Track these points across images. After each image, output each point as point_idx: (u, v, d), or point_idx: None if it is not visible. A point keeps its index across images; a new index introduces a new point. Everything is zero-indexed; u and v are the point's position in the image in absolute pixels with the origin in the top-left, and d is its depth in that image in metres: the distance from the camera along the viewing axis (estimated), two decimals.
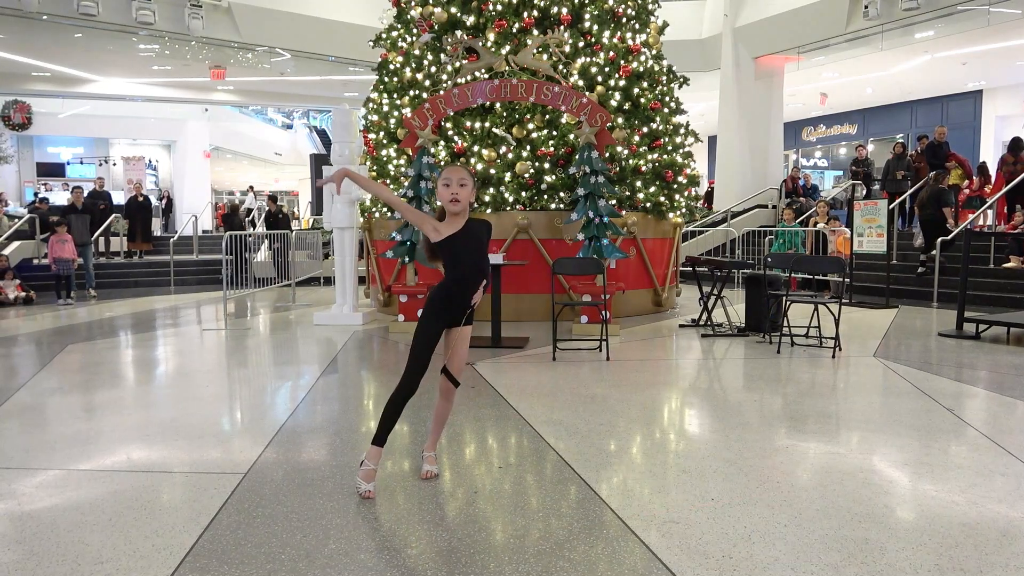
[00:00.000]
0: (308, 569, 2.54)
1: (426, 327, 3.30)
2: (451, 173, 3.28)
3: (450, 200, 3.23)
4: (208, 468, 3.60)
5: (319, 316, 8.91)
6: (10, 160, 23.37)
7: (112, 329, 8.74)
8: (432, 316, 3.31)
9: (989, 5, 12.79)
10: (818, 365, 6.14)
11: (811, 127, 23.44)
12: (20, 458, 3.78)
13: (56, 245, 11.53)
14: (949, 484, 3.32)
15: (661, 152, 9.37)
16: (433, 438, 3.56)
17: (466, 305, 3.32)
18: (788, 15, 15.06)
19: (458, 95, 8.12)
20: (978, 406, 4.89)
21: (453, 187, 3.23)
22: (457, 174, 3.27)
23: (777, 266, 8.67)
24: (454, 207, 3.24)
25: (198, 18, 14.59)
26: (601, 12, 9.10)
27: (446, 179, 3.28)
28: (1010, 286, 10.09)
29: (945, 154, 13.17)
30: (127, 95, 20.96)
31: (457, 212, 3.27)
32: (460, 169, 3.33)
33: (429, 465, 3.49)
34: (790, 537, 2.76)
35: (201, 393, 5.30)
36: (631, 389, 5.27)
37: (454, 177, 3.26)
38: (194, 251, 16.85)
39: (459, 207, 3.25)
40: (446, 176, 3.29)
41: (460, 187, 3.24)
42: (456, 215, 3.28)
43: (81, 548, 2.72)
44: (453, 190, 3.23)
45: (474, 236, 3.31)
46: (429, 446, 3.56)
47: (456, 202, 3.24)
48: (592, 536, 2.78)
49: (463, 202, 3.26)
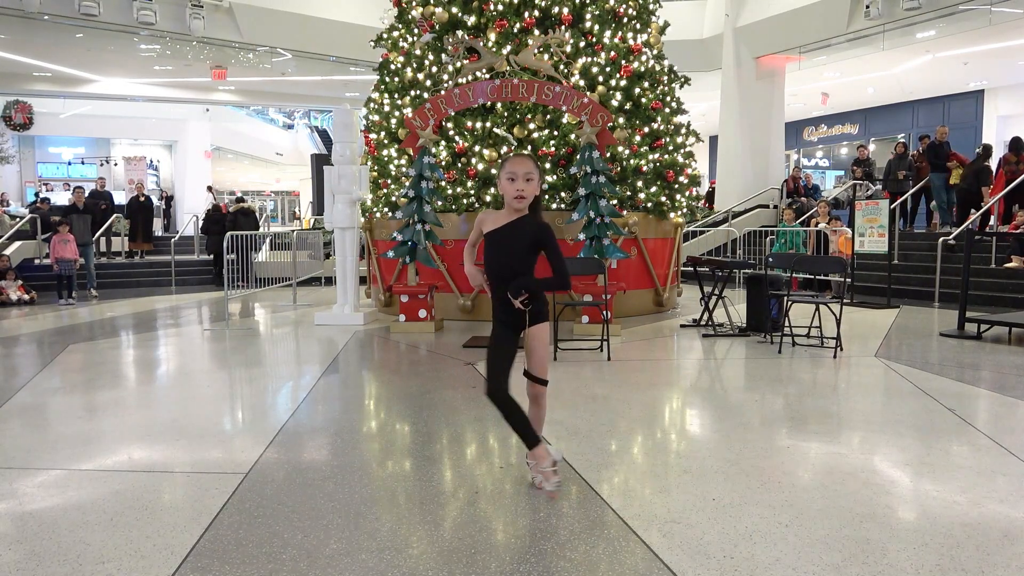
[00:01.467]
0: (309, 569, 2.54)
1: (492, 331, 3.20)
2: (517, 166, 2.99)
3: (515, 197, 2.97)
4: (209, 468, 3.60)
5: (320, 316, 8.91)
6: (11, 160, 23.40)
7: (113, 329, 8.74)
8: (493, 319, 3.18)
9: (991, 5, 12.78)
10: (819, 365, 6.14)
11: (812, 127, 23.44)
12: (21, 458, 3.78)
13: (58, 245, 11.55)
14: (951, 484, 3.31)
15: (662, 152, 9.37)
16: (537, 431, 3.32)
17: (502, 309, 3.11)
18: (789, 15, 15.06)
19: (459, 95, 8.12)
20: (980, 406, 4.88)
21: (519, 182, 2.97)
22: (524, 167, 2.98)
23: (778, 266, 8.66)
24: (519, 204, 2.99)
25: (199, 18, 14.61)
26: (602, 12, 9.10)
27: (511, 172, 2.99)
28: (1011, 286, 10.08)
29: (946, 154, 13.16)
30: (128, 95, 21.00)
31: (521, 208, 3.02)
32: (527, 160, 3.03)
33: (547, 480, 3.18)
34: (791, 537, 2.76)
35: (202, 393, 5.30)
36: (632, 389, 5.27)
37: (520, 171, 2.97)
38: (195, 251, 16.87)
39: (524, 204, 3.00)
40: (511, 169, 2.99)
41: (527, 182, 2.97)
42: (517, 210, 3.03)
43: (82, 548, 2.72)
44: (519, 186, 2.97)
45: (514, 235, 3.04)
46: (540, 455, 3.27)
47: (522, 198, 2.98)
48: (593, 536, 2.78)
49: (529, 198, 3.00)
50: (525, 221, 3.05)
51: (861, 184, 13.99)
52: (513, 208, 3.04)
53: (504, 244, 3.04)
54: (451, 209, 8.81)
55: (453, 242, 8.71)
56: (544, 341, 3.14)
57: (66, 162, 25.68)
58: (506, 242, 3.04)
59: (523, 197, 2.97)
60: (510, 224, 3.04)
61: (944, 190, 13.23)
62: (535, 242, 3.04)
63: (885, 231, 10.32)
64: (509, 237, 3.03)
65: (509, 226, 3.04)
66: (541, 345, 3.13)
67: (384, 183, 9.51)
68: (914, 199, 14.23)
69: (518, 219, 3.05)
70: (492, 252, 3.07)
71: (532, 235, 3.03)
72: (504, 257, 3.04)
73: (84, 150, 25.97)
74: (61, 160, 25.68)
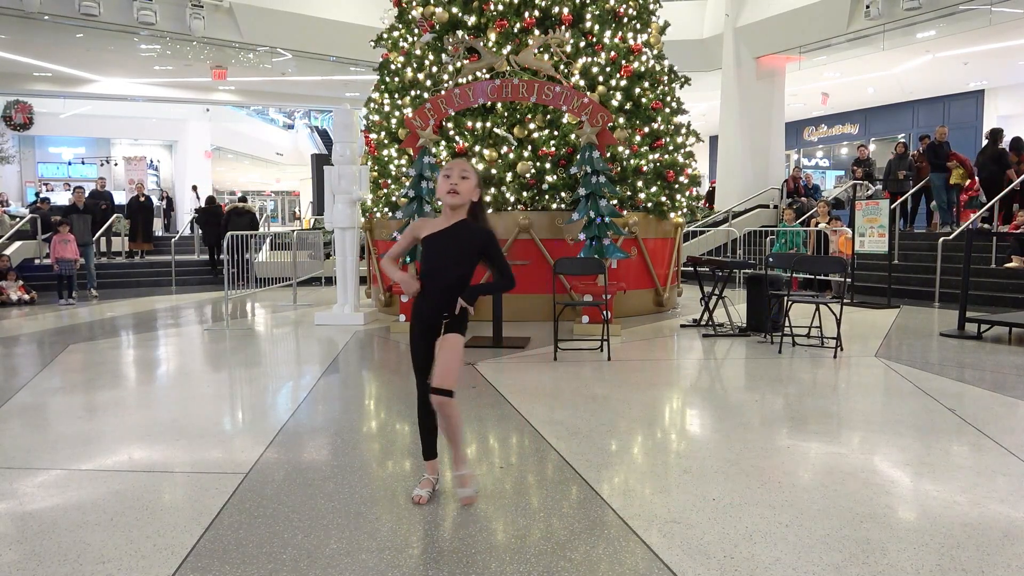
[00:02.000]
0: (309, 569, 2.54)
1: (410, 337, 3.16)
2: (452, 165, 3.07)
3: (448, 191, 3.00)
4: (209, 468, 3.60)
5: (320, 316, 8.91)
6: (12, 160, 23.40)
7: (113, 329, 8.74)
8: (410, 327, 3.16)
9: (991, 5, 12.78)
10: (819, 365, 6.14)
11: (812, 127, 23.44)
12: (22, 458, 3.78)
13: (58, 245, 11.55)
14: (951, 484, 3.31)
15: (662, 152, 9.37)
16: (454, 455, 3.21)
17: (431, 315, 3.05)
18: (789, 15, 15.06)
19: (459, 95, 8.12)
20: (980, 406, 4.88)
21: (453, 178, 3.01)
22: (459, 166, 3.05)
23: (778, 266, 8.66)
24: (452, 199, 3.01)
25: (199, 18, 14.61)
26: (602, 12, 9.10)
27: (447, 170, 3.06)
28: (1012, 286, 10.08)
29: (946, 154, 13.16)
30: (128, 95, 21.00)
31: (455, 205, 3.03)
32: (463, 162, 3.11)
33: (460, 488, 3.13)
34: (791, 537, 2.76)
35: (202, 393, 5.30)
36: (632, 389, 5.27)
37: (455, 169, 3.04)
38: (195, 251, 16.87)
39: (457, 200, 3.01)
40: (447, 168, 3.07)
41: (461, 179, 3.02)
42: (454, 210, 3.05)
43: (82, 548, 2.72)
44: (453, 181, 3.01)
45: (454, 240, 3.03)
46: (454, 464, 3.24)
47: (455, 194, 3.00)
48: (593, 536, 2.78)
49: (463, 195, 3.01)
50: (467, 226, 3.05)
51: (861, 184, 13.99)
52: (448, 207, 3.03)
53: (444, 249, 3.02)
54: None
55: None
56: (454, 350, 3.02)
57: (66, 162, 25.69)
58: (446, 247, 3.02)
59: (456, 192, 2.98)
60: (451, 229, 3.03)
61: (944, 190, 13.22)
62: (478, 250, 3.04)
63: (885, 231, 10.32)
64: (450, 242, 3.02)
65: (450, 231, 3.03)
66: (450, 353, 3.01)
67: (384, 183, 9.51)
68: (914, 199, 14.23)
69: (459, 224, 3.04)
70: (431, 256, 3.03)
71: (476, 242, 3.03)
72: (444, 261, 3.01)
73: (84, 150, 25.98)
74: (61, 160, 25.69)
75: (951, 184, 13.24)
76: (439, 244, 3.03)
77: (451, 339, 3.04)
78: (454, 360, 3.02)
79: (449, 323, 3.05)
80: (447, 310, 3.01)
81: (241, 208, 15.47)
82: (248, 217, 15.18)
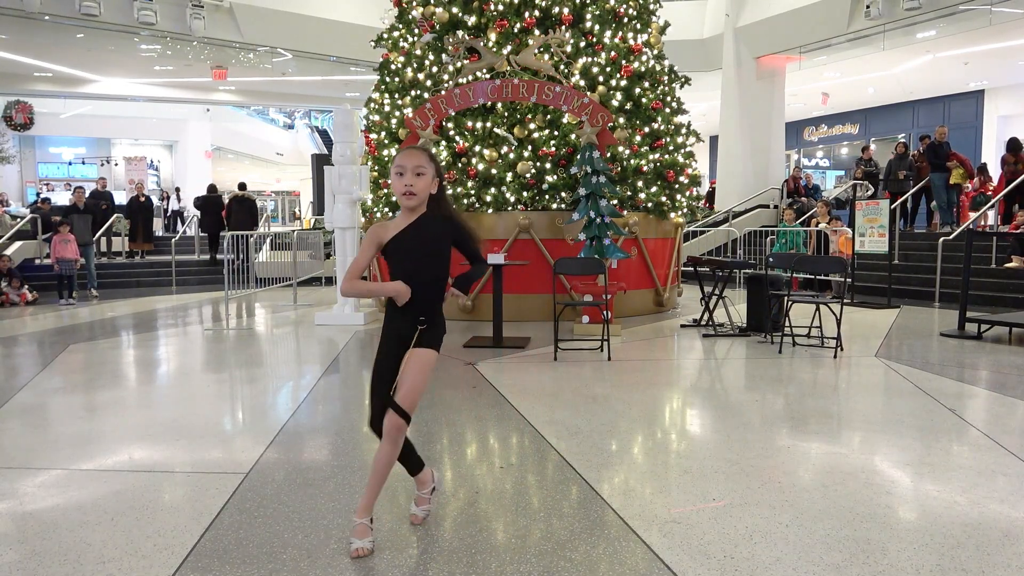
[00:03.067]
0: (310, 569, 2.54)
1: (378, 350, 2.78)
2: (404, 160, 2.65)
3: (404, 194, 2.65)
4: (210, 468, 3.60)
5: (320, 316, 8.91)
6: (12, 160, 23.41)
7: (114, 329, 8.75)
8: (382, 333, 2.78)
9: (991, 5, 12.78)
10: (820, 365, 6.14)
11: (813, 127, 23.44)
12: (22, 458, 3.78)
13: (59, 245, 11.55)
14: (951, 484, 3.31)
15: (662, 152, 9.37)
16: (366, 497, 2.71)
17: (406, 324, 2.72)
18: (789, 15, 15.06)
19: (459, 95, 8.12)
20: (980, 406, 4.88)
21: (407, 177, 2.63)
22: (412, 160, 2.65)
23: (779, 266, 8.66)
24: (408, 201, 2.66)
25: (200, 18, 14.61)
26: (602, 12, 9.10)
27: (399, 166, 2.65)
28: (1012, 286, 10.08)
29: (946, 154, 13.16)
30: (129, 95, 21.02)
31: (412, 207, 2.68)
32: (416, 153, 2.69)
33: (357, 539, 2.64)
34: (792, 537, 2.76)
35: (203, 393, 5.31)
36: (632, 389, 5.27)
37: (408, 164, 2.64)
38: (195, 251, 16.87)
39: (415, 201, 2.66)
40: (399, 163, 2.65)
41: (416, 176, 2.64)
42: (411, 210, 2.70)
43: (83, 548, 2.72)
44: (407, 180, 2.63)
45: (421, 235, 2.69)
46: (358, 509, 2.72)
47: (411, 195, 2.65)
48: (593, 536, 2.78)
49: (420, 195, 2.66)
50: (430, 219, 2.71)
51: (861, 184, 14.00)
52: (407, 208, 2.69)
53: (412, 249, 2.68)
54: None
55: None
56: (424, 367, 2.68)
57: (67, 162, 25.71)
58: (413, 247, 2.68)
59: (412, 194, 2.64)
60: (413, 225, 2.69)
61: (944, 190, 13.23)
62: (449, 242, 2.74)
63: (885, 231, 10.32)
64: (416, 241, 2.68)
65: (413, 227, 2.68)
66: (419, 369, 2.66)
67: (384, 183, 9.51)
68: (914, 199, 14.23)
69: (421, 218, 2.70)
70: (399, 259, 2.69)
71: (445, 235, 2.72)
72: (414, 263, 2.68)
73: (85, 150, 26.00)
74: (62, 160, 25.71)
75: (951, 184, 13.25)
76: (405, 245, 2.68)
77: (423, 354, 2.69)
78: (422, 380, 2.67)
79: (423, 333, 2.72)
80: (424, 315, 2.71)
81: (242, 196, 15.59)
82: (248, 204, 15.39)
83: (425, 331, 2.72)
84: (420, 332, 2.71)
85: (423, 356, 2.69)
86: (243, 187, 16.06)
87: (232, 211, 15.15)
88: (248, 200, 15.64)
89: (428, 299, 2.72)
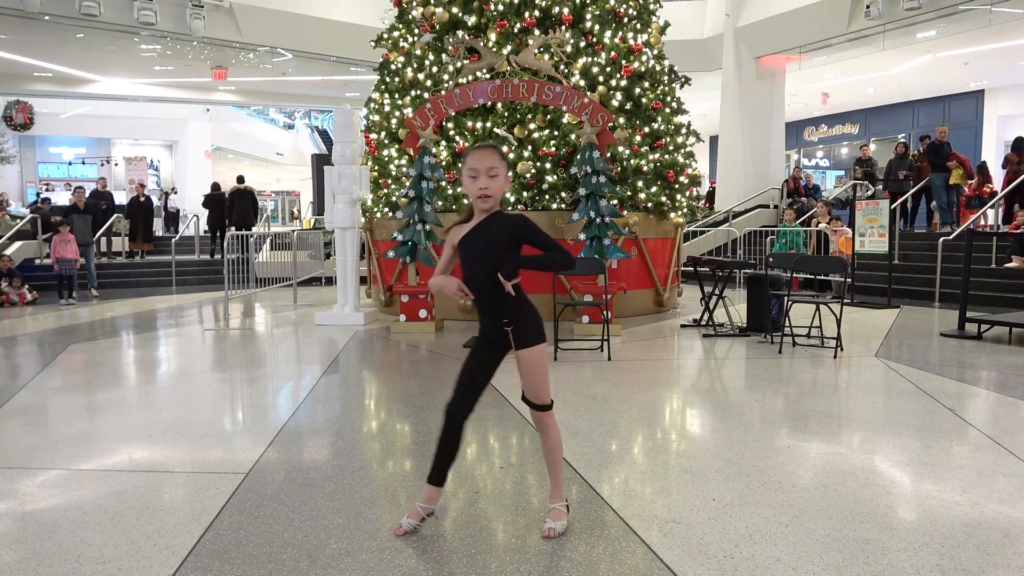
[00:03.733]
0: (310, 569, 2.54)
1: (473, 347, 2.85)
2: (478, 160, 2.62)
3: (479, 196, 2.63)
4: (210, 468, 3.60)
5: (320, 316, 8.91)
6: (12, 160, 23.42)
7: (114, 329, 8.75)
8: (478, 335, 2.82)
9: (991, 5, 12.78)
10: (820, 365, 6.14)
11: (813, 127, 23.44)
12: (22, 458, 3.78)
13: (59, 245, 11.55)
14: (951, 484, 3.31)
15: (663, 152, 9.37)
16: (552, 484, 2.86)
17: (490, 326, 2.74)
18: (789, 15, 15.06)
19: (459, 95, 8.12)
20: (980, 406, 4.88)
21: (482, 179, 2.61)
22: (486, 161, 2.61)
23: (779, 266, 8.66)
24: (485, 204, 2.64)
25: (200, 18, 14.62)
26: (603, 12, 9.10)
27: (472, 169, 2.62)
28: (1012, 286, 10.08)
29: (946, 154, 13.16)
30: (129, 95, 21.03)
31: (488, 208, 2.66)
32: (489, 154, 2.64)
33: (551, 520, 2.78)
34: (792, 537, 2.76)
35: (203, 393, 5.31)
36: (632, 389, 5.27)
37: (482, 166, 2.61)
38: (196, 251, 16.88)
39: (491, 203, 2.64)
40: (472, 165, 2.63)
41: (491, 178, 2.61)
42: (486, 212, 2.67)
43: (83, 548, 2.72)
44: (482, 183, 2.61)
45: (485, 236, 2.66)
46: (551, 495, 2.87)
47: (487, 198, 2.63)
48: (593, 536, 2.78)
49: (496, 196, 2.64)
50: (498, 217, 2.69)
51: (861, 184, 14.00)
52: (480, 209, 2.68)
53: (476, 248, 2.67)
54: (451, 209, 8.81)
55: None
56: (536, 366, 2.72)
57: (67, 162, 25.71)
58: (476, 245, 2.66)
59: (488, 196, 2.62)
60: (480, 225, 2.68)
61: (944, 190, 13.23)
62: (513, 239, 2.67)
63: (885, 231, 10.32)
64: (482, 238, 2.66)
65: (479, 227, 2.67)
66: (533, 371, 2.72)
67: (384, 183, 9.52)
68: (914, 199, 14.23)
69: (490, 217, 2.69)
70: (466, 259, 2.70)
71: (508, 232, 2.66)
72: (481, 262, 2.65)
73: (85, 150, 26.01)
74: (62, 160, 25.71)
75: (951, 184, 13.25)
76: (471, 244, 2.68)
77: (524, 356, 2.71)
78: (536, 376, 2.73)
79: (515, 333, 2.70)
80: (505, 316, 2.69)
81: (242, 189, 16.20)
82: (249, 196, 16.19)
83: (515, 331, 2.70)
84: (510, 333, 2.71)
85: (526, 358, 2.72)
86: (241, 180, 16.61)
87: (233, 204, 15.89)
88: (248, 192, 16.27)
89: (499, 299, 2.66)
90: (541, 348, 2.74)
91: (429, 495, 2.80)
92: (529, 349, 2.71)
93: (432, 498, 2.80)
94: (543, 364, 2.76)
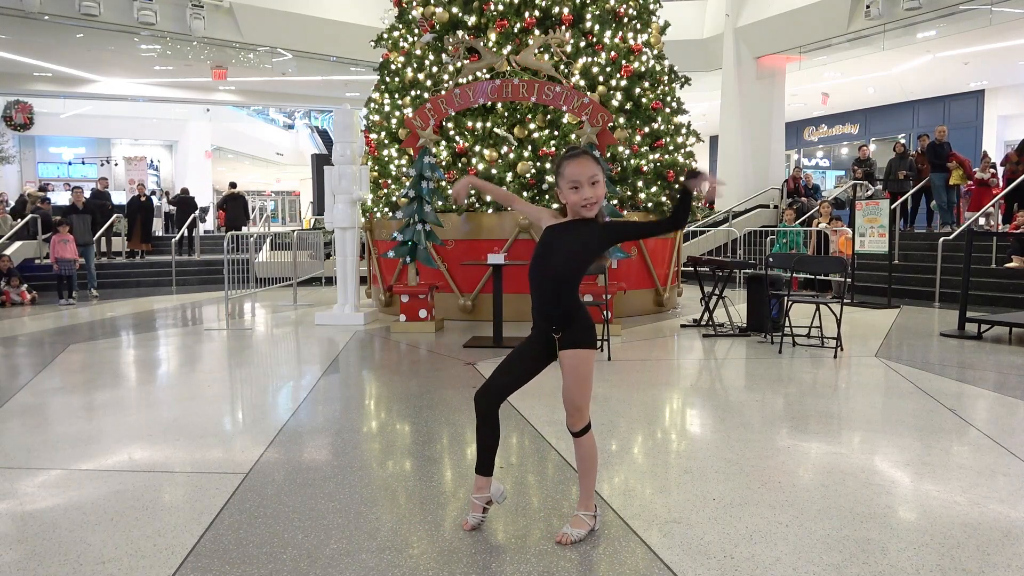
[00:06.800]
0: (310, 569, 2.54)
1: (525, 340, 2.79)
2: (579, 171, 2.55)
3: (583, 206, 2.58)
4: (210, 468, 3.60)
5: (320, 316, 8.91)
6: (12, 160, 23.41)
7: (114, 329, 8.75)
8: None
9: (991, 5, 12.78)
10: (820, 365, 6.14)
11: (813, 127, 23.45)
12: (22, 458, 3.78)
13: (58, 245, 11.55)
14: (951, 484, 3.31)
15: (663, 152, 9.37)
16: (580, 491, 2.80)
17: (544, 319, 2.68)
18: (789, 15, 15.07)
19: (459, 95, 8.12)
20: (980, 406, 4.88)
21: (585, 189, 2.56)
22: (587, 171, 2.55)
23: (779, 266, 8.66)
24: (590, 212, 2.60)
25: (200, 18, 14.62)
26: (603, 12, 9.10)
27: (573, 181, 2.55)
28: (1012, 286, 10.08)
29: (946, 154, 13.17)
30: (129, 95, 21.02)
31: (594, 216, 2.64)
32: (588, 162, 2.57)
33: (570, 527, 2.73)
34: (792, 537, 2.76)
35: (203, 393, 5.31)
36: (632, 389, 5.27)
37: (584, 177, 2.54)
38: (196, 251, 16.88)
39: (595, 210, 2.61)
40: (573, 176, 2.55)
41: (592, 186, 2.56)
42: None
43: (83, 548, 2.72)
44: (585, 194, 2.56)
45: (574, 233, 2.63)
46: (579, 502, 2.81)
47: (592, 206, 2.58)
48: (593, 536, 2.78)
49: (599, 203, 2.60)
50: (589, 222, 2.66)
51: (861, 184, 14.01)
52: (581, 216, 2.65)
53: (561, 241, 2.63)
54: (451, 209, 8.82)
55: (453, 242, 8.73)
56: (577, 369, 2.63)
57: (66, 162, 25.69)
58: (563, 238, 2.63)
59: (593, 204, 2.58)
60: (574, 223, 2.65)
61: (944, 190, 13.24)
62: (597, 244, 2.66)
63: (885, 231, 10.32)
64: (568, 234, 2.63)
65: (572, 224, 2.64)
66: (573, 373, 2.64)
67: (384, 183, 9.52)
68: (914, 199, 14.24)
69: (583, 219, 2.66)
70: (546, 245, 2.65)
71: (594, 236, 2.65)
72: (555, 257, 2.62)
73: (84, 150, 25.99)
74: (61, 160, 25.69)
75: (951, 184, 13.26)
76: (557, 234, 2.65)
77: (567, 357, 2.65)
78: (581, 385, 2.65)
79: (563, 338, 2.64)
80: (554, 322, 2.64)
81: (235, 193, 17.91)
82: (241, 200, 18.06)
83: (563, 337, 2.66)
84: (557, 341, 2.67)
85: (571, 361, 2.66)
86: (234, 185, 18.44)
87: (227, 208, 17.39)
88: (240, 197, 17.95)
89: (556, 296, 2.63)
90: (587, 353, 2.67)
91: (480, 485, 2.82)
92: (574, 351, 2.64)
93: (483, 487, 2.82)
94: (585, 369, 2.65)
